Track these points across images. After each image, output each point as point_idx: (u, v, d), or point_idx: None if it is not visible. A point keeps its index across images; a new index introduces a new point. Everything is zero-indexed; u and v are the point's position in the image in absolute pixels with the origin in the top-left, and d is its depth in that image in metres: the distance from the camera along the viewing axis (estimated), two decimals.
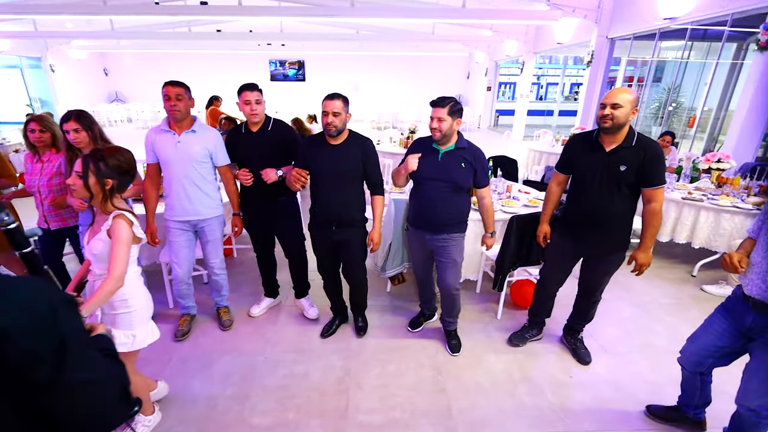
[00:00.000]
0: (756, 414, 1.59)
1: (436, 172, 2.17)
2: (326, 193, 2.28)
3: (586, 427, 1.99)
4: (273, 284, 2.94)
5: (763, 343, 1.54)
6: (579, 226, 2.16)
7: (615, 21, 7.83)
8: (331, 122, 2.11)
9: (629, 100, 1.87)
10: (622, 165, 1.94)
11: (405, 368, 2.38)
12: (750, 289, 1.53)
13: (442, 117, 2.06)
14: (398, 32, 12.14)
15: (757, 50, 4.92)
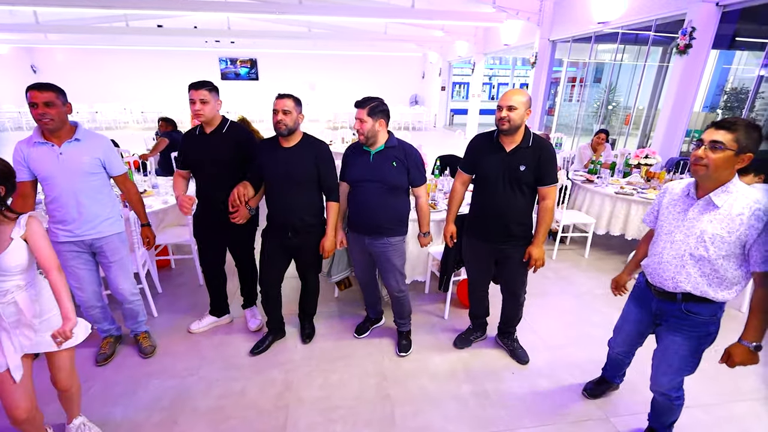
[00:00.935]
0: (668, 398, 1.71)
1: (369, 174, 2.14)
2: (280, 197, 2.19)
3: (525, 423, 2.01)
4: (221, 301, 2.73)
5: (665, 328, 1.65)
6: (485, 225, 2.19)
7: (555, 24, 8.21)
8: (281, 120, 2.03)
9: (523, 101, 1.92)
10: (521, 165, 2.00)
11: (349, 377, 2.31)
12: (652, 278, 1.63)
13: (362, 118, 2.05)
14: (351, 31, 12.04)
15: (677, 53, 5.33)
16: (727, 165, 1.37)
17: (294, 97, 2.09)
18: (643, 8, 6.03)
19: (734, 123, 1.35)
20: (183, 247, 3.84)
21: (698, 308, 1.53)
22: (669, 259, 1.54)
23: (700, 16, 4.97)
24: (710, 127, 1.39)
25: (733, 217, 1.38)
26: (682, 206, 1.53)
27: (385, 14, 7.83)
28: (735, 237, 1.39)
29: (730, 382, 2.31)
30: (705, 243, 1.43)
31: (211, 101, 2.19)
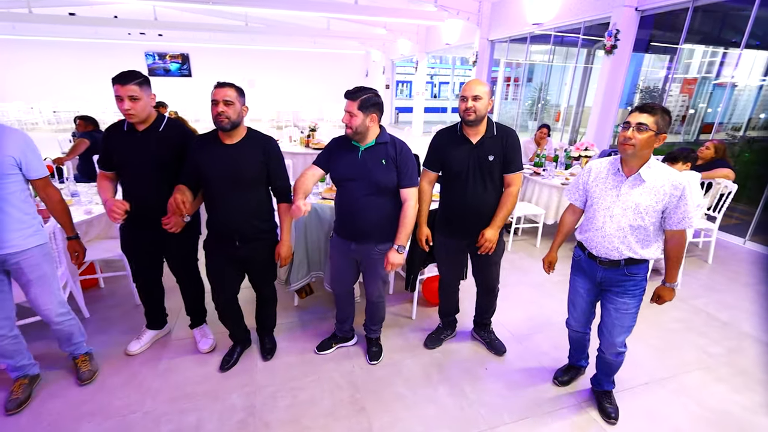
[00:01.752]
0: (619, 353, 1.90)
1: (356, 172, 1.93)
2: (224, 201, 1.93)
3: (505, 419, 1.99)
4: (159, 313, 2.45)
5: (613, 293, 1.83)
6: (459, 221, 2.13)
7: (493, 25, 8.54)
8: (223, 112, 1.78)
9: (486, 91, 1.91)
10: (489, 155, 1.98)
11: (319, 393, 2.14)
12: (597, 251, 1.77)
13: (352, 111, 1.85)
14: (291, 26, 11.61)
15: (604, 54, 5.77)
16: (649, 144, 1.58)
17: (236, 87, 1.85)
18: (573, 11, 6.45)
19: (653, 107, 1.56)
20: (113, 262, 3.38)
21: (637, 269, 1.75)
22: (612, 232, 1.70)
23: (622, 20, 5.41)
24: (634, 111, 1.58)
25: (658, 189, 1.61)
26: (612, 183, 1.70)
27: (327, 8, 7.60)
28: (662, 205, 1.62)
29: (676, 357, 2.49)
30: (641, 213, 1.64)
31: (142, 97, 1.88)
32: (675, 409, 2.09)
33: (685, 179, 1.60)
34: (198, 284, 2.39)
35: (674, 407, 2.10)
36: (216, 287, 2.11)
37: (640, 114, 1.55)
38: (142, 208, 2.00)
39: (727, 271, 3.72)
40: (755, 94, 8.94)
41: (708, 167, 3.82)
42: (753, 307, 3.09)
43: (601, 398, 2.05)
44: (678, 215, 1.62)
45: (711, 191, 3.79)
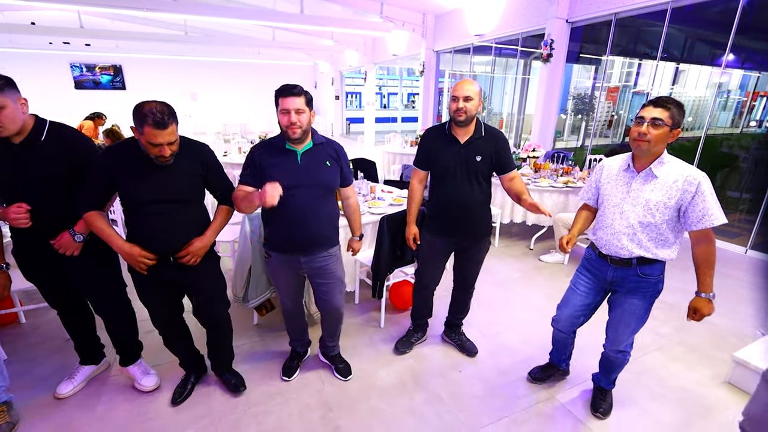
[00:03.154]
0: (623, 353, 1.86)
1: (299, 178, 1.76)
2: (155, 220, 1.66)
3: (484, 421, 1.95)
4: (91, 345, 2.13)
5: (623, 293, 1.77)
6: (447, 220, 2.12)
7: (438, 36, 8.84)
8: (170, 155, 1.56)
9: (477, 91, 1.90)
10: (477, 155, 1.98)
11: (288, 416, 1.96)
12: (607, 249, 1.72)
13: (301, 108, 1.68)
14: (235, 36, 11.23)
15: (542, 62, 6.16)
16: (664, 139, 1.52)
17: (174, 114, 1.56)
18: (511, 23, 6.85)
19: (668, 101, 1.50)
20: (34, 293, 2.94)
21: (650, 270, 1.67)
22: (621, 229, 1.65)
23: (555, 30, 5.82)
24: (647, 105, 1.53)
25: (670, 185, 1.55)
26: (623, 180, 1.67)
27: (271, 18, 7.43)
28: (674, 202, 1.55)
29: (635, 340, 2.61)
30: (651, 210, 1.58)
31: (7, 104, 1.50)
32: (637, 390, 2.18)
33: (701, 174, 1.51)
34: (126, 316, 2.04)
35: (636, 388, 2.19)
36: (154, 310, 1.86)
37: (655, 108, 1.50)
38: (32, 232, 1.68)
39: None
40: None
41: None
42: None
43: (598, 395, 2.03)
44: (697, 213, 1.51)
45: None
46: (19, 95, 1.58)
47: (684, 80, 9.51)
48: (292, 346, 2.30)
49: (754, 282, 3.53)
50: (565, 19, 5.82)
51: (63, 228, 1.71)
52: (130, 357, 2.12)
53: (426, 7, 8.33)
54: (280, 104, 1.71)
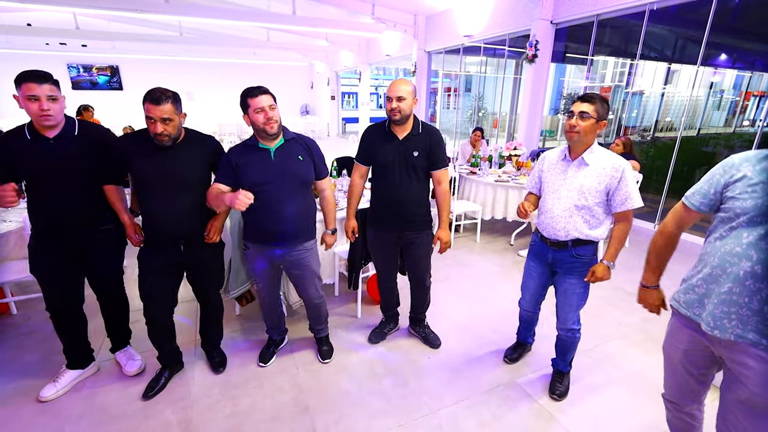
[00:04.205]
0: (572, 332, 2.01)
1: (273, 174, 1.89)
2: (166, 204, 1.83)
3: (446, 402, 2.07)
4: (83, 349, 2.17)
5: (562, 274, 1.93)
6: (387, 214, 2.20)
7: (429, 37, 8.95)
8: (162, 132, 1.71)
9: (410, 91, 2.01)
10: (414, 151, 2.08)
11: (261, 398, 2.08)
12: (547, 233, 1.89)
13: (272, 105, 1.83)
14: (230, 37, 11.35)
15: (527, 63, 6.27)
16: (592, 130, 1.71)
17: (171, 98, 1.72)
18: (498, 24, 6.96)
19: (592, 96, 1.71)
20: (26, 285, 3.07)
21: (583, 250, 1.86)
22: (559, 213, 1.82)
23: (540, 31, 5.93)
24: (576, 101, 1.72)
25: (600, 171, 1.74)
26: (561, 168, 1.84)
27: (265, 19, 7.54)
28: (603, 186, 1.74)
29: (598, 329, 2.73)
30: (584, 194, 1.76)
31: (59, 98, 1.74)
32: (598, 375, 2.29)
33: (624, 162, 1.72)
34: (124, 302, 2.23)
35: (597, 373, 2.30)
36: (151, 298, 1.97)
37: (582, 103, 1.70)
38: (62, 224, 1.84)
39: (641, 252, 4.13)
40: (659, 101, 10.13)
41: None
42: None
43: (555, 377, 2.17)
44: (621, 196, 1.72)
45: None
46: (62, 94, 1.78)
47: (677, 80, 9.63)
48: (268, 334, 2.42)
49: None
50: (550, 20, 5.93)
51: (86, 220, 1.88)
52: (122, 341, 2.28)
53: (417, 8, 8.44)
54: (251, 105, 1.82)
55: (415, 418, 1.97)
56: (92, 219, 1.91)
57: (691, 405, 1.43)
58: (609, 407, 2.06)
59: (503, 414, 2.00)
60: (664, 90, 9.62)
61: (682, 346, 1.35)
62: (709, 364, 1.32)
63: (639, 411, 2.03)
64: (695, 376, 1.36)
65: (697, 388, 1.39)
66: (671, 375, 1.46)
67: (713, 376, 1.36)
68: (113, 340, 2.28)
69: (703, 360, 1.31)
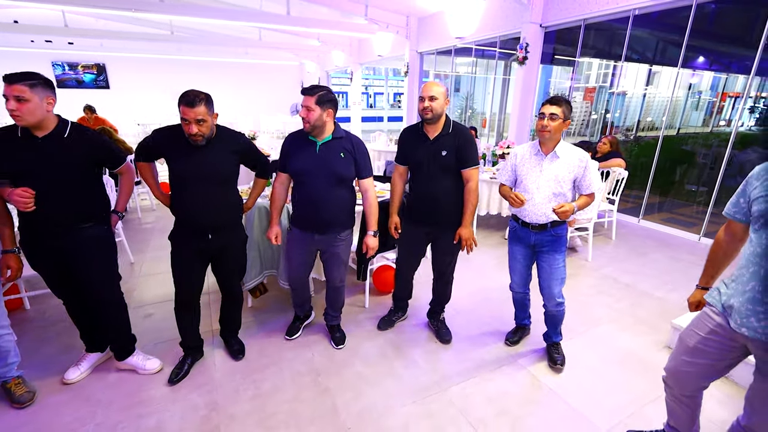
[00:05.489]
0: (559, 304, 2.23)
1: (315, 165, 2.09)
2: (196, 197, 1.95)
3: (456, 380, 2.23)
4: (98, 333, 2.24)
5: (545, 252, 2.19)
6: (420, 211, 2.34)
7: (421, 38, 9.12)
8: (197, 133, 1.82)
9: (442, 92, 2.15)
10: (443, 150, 2.19)
11: (281, 382, 2.21)
12: (529, 218, 2.13)
13: (310, 106, 2.01)
14: (221, 36, 11.31)
15: (518, 65, 6.49)
16: (560, 129, 2.01)
17: (205, 100, 1.82)
18: (490, 26, 7.18)
19: (559, 99, 2.00)
20: (37, 282, 3.11)
21: (560, 229, 2.15)
22: (540, 200, 2.08)
23: (530, 34, 6.16)
24: (545, 104, 2.00)
25: (569, 162, 2.06)
26: (536, 162, 2.10)
27: (259, 19, 7.59)
28: (572, 175, 2.07)
29: (589, 314, 2.93)
30: (560, 182, 2.06)
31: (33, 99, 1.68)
32: (589, 354, 2.49)
33: (586, 155, 2.07)
34: (120, 306, 2.15)
35: (589, 353, 2.50)
36: (182, 281, 2.09)
37: (551, 106, 1.99)
38: (42, 222, 1.82)
39: (627, 245, 4.40)
40: (641, 101, 10.53)
41: (605, 159, 4.51)
42: (648, 271, 3.71)
43: (551, 349, 2.39)
44: (586, 182, 2.07)
45: (609, 178, 4.47)
46: (49, 95, 1.76)
47: (658, 81, 10.02)
48: (295, 311, 2.63)
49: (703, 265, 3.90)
50: (539, 24, 6.16)
51: (69, 223, 1.87)
52: (126, 351, 2.23)
53: (409, 9, 8.61)
54: (302, 101, 2.06)
55: (428, 395, 2.12)
56: (72, 221, 1.88)
57: (692, 390, 1.53)
58: (603, 381, 2.25)
59: (507, 389, 2.18)
60: (646, 91, 10.00)
61: (702, 332, 1.43)
62: (724, 356, 1.40)
63: (631, 384, 2.23)
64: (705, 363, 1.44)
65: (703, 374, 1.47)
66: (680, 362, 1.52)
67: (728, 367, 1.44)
68: (117, 350, 2.22)
69: (717, 351, 1.40)
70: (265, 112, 14.15)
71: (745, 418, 1.44)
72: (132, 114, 12.64)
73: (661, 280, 3.50)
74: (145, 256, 3.91)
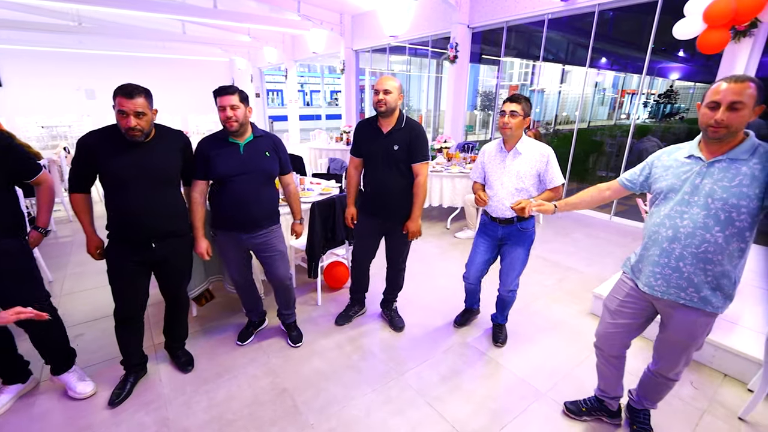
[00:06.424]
0: (512, 292, 2.38)
1: (242, 167, 2.03)
2: (139, 202, 1.79)
3: (411, 365, 2.34)
4: (15, 363, 2.01)
5: (509, 245, 2.29)
6: (374, 203, 2.39)
7: (356, 35, 9.17)
8: (135, 126, 1.69)
9: (396, 86, 2.20)
10: (395, 145, 2.26)
11: (237, 388, 2.15)
12: (496, 213, 2.23)
13: (235, 105, 1.94)
14: (138, 29, 10.35)
15: (449, 63, 6.82)
16: (521, 125, 2.09)
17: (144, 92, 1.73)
18: (422, 26, 7.44)
19: (519, 97, 2.05)
20: None
21: (526, 224, 2.22)
22: (504, 196, 2.16)
23: (459, 35, 6.50)
24: (506, 102, 2.06)
25: (530, 158, 2.12)
26: (499, 158, 2.19)
27: (182, 12, 7.09)
28: (535, 170, 2.13)
29: (526, 291, 3.22)
30: (522, 177, 2.12)
31: None
32: (528, 327, 2.74)
33: (549, 149, 2.10)
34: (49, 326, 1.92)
35: (528, 326, 2.75)
36: (124, 296, 1.92)
37: (511, 104, 2.04)
38: None
39: (552, 227, 4.87)
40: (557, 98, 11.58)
41: None
42: (571, 249, 4.15)
43: (496, 330, 2.58)
44: (549, 176, 2.10)
45: None
46: None
47: (570, 80, 11.10)
48: (248, 316, 2.56)
49: (616, 240, 4.45)
50: (467, 25, 6.52)
51: None
52: (64, 364, 2.06)
53: (342, 7, 8.60)
54: (217, 103, 1.96)
55: (386, 382, 2.20)
56: None
57: (618, 350, 1.76)
58: (541, 350, 2.51)
59: (459, 367, 2.33)
60: (561, 88, 11.04)
61: (620, 297, 1.68)
62: (639, 315, 1.63)
63: (564, 351, 2.51)
64: (626, 323, 1.66)
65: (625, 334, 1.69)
66: (606, 324, 1.75)
67: (644, 325, 1.67)
68: (53, 364, 2.04)
69: (633, 311, 1.63)
70: (194, 111, 13.27)
71: (654, 364, 1.71)
72: (32, 115, 11.15)
73: (581, 257, 3.94)
74: (65, 272, 3.52)
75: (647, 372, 1.77)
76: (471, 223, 4.39)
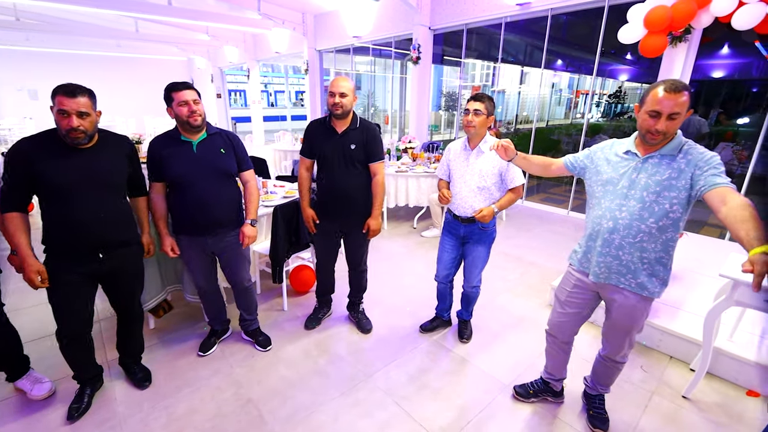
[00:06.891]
0: (475, 288, 2.42)
1: (197, 166, 1.97)
2: (88, 210, 1.68)
3: (378, 366, 2.34)
4: None
5: (471, 243, 2.33)
6: (330, 204, 2.37)
7: (319, 35, 9.08)
8: (78, 127, 1.58)
9: (351, 88, 2.20)
10: (351, 144, 2.26)
11: (199, 401, 2.07)
12: (458, 211, 2.27)
13: (197, 99, 1.91)
14: (84, 25, 9.74)
15: (413, 64, 6.90)
16: (484, 124, 2.11)
17: (88, 91, 1.64)
18: (384, 27, 7.47)
19: (482, 96, 2.09)
20: None
21: (486, 224, 2.23)
22: (466, 194, 2.20)
23: (421, 36, 6.59)
24: (470, 100, 2.10)
25: (493, 158, 2.14)
26: (463, 157, 2.23)
27: (132, 8, 6.73)
28: (497, 169, 2.15)
29: (490, 286, 3.31)
30: (484, 176, 2.15)
31: None
32: (491, 322, 2.82)
33: None
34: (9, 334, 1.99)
35: (491, 321, 2.83)
36: (67, 313, 1.78)
37: (475, 102, 2.07)
38: None
39: (515, 224, 5.04)
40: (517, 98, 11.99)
41: None
42: (533, 244, 4.31)
43: (462, 326, 2.62)
44: (509, 176, 2.13)
45: None
46: None
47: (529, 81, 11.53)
48: (210, 325, 2.47)
49: (572, 234, 4.67)
50: (428, 27, 6.62)
51: None
52: (19, 370, 2.03)
53: (304, 6, 8.48)
54: (175, 98, 1.89)
55: (354, 385, 2.20)
56: None
57: (569, 337, 1.87)
58: (505, 345, 2.59)
59: (426, 366, 2.36)
60: (520, 89, 11.45)
61: (568, 288, 1.78)
62: (585, 305, 1.74)
63: (526, 343, 2.60)
64: (574, 312, 1.78)
65: (574, 321, 1.81)
66: (557, 314, 1.86)
67: (589, 313, 1.79)
68: (7, 372, 2.03)
69: (581, 300, 1.74)
70: (151, 113, 12.65)
71: (603, 350, 1.82)
72: None
73: (542, 251, 4.11)
74: (6, 288, 3.24)
75: (598, 357, 1.87)
76: (437, 221, 4.46)
